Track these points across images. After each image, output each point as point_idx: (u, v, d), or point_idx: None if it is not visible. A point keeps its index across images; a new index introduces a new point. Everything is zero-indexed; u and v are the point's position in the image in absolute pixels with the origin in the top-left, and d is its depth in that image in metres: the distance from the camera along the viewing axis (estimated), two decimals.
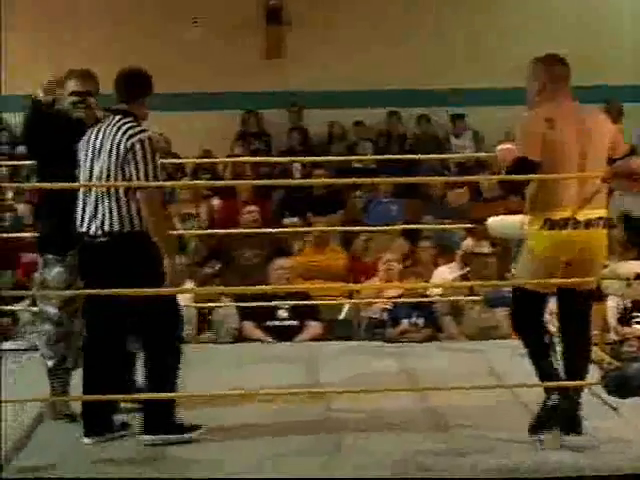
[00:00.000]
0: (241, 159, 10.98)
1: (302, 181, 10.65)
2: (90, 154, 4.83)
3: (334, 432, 4.94)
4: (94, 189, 4.78)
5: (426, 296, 7.55)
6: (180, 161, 10.67)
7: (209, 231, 9.37)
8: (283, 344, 7.25)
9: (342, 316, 8.12)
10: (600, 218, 4.73)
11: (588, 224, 4.69)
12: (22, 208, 9.92)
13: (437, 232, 9.00)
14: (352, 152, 11.29)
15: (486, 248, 7.76)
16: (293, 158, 10.80)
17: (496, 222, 6.52)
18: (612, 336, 6.81)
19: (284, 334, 7.46)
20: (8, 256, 8.54)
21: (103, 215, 4.74)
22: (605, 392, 4.58)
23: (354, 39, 11.82)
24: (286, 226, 9.91)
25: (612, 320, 6.89)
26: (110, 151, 4.75)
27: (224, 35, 11.82)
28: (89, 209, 4.79)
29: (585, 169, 4.69)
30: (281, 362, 6.34)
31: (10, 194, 10.15)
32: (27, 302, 7.24)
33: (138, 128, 4.79)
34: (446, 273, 7.99)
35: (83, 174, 4.86)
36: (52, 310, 5.09)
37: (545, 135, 4.64)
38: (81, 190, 4.84)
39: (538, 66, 4.84)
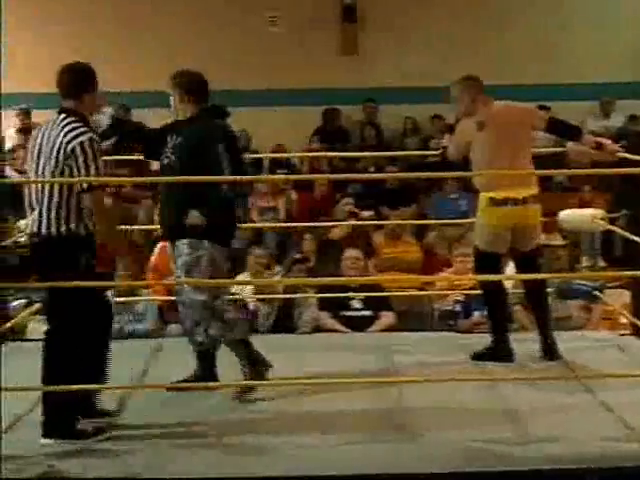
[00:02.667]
0: (319, 154, 11.05)
1: (377, 175, 10.66)
2: (35, 154, 4.74)
3: (406, 422, 4.95)
4: (33, 190, 4.70)
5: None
6: (263, 156, 10.79)
7: (286, 224, 9.47)
8: (357, 334, 7.27)
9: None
10: (533, 196, 5.83)
11: (524, 201, 5.77)
12: None
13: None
14: (426, 147, 11.25)
15: (557, 241, 7.71)
16: (368, 153, 10.84)
17: (567, 215, 6.51)
18: None
19: (358, 324, 7.50)
20: None
21: (40, 216, 4.69)
22: None
23: (427, 36, 11.82)
24: (362, 219, 9.96)
25: None
26: (50, 153, 4.65)
27: (301, 32, 11.88)
28: (32, 210, 4.76)
29: (515, 155, 5.75)
30: (355, 352, 6.35)
31: None
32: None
33: (78, 130, 4.63)
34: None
35: (29, 173, 4.81)
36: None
37: (474, 135, 5.79)
38: (25, 191, 4.77)
39: (468, 84, 5.95)
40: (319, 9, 11.96)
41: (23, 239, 6.47)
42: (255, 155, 11.14)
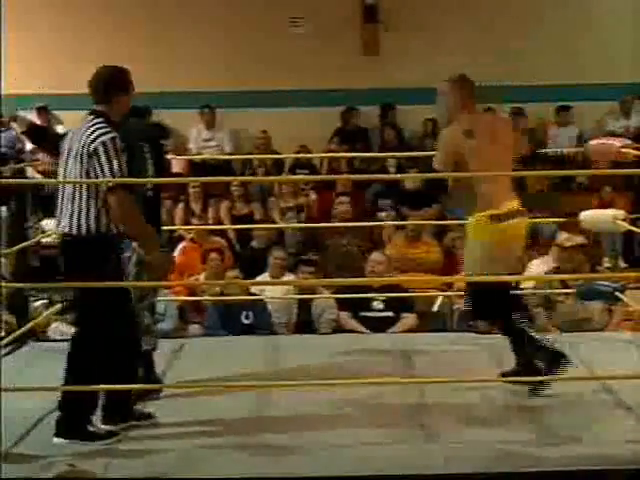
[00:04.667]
0: (339, 155, 11.04)
1: (397, 176, 10.64)
2: (65, 156, 4.77)
3: (426, 423, 4.94)
4: (65, 192, 4.73)
5: (519, 289, 7.48)
6: (282, 156, 10.79)
7: (303, 225, 9.48)
8: (378, 335, 7.25)
9: (435, 308, 8.11)
10: (521, 208, 5.35)
11: (521, 213, 5.34)
12: None
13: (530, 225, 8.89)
14: None
15: (579, 241, 7.67)
16: (389, 154, 10.82)
17: (589, 216, 6.47)
18: None
19: (379, 325, 7.48)
20: None
21: (70, 217, 4.70)
22: None
23: (450, 37, 11.78)
24: (381, 220, 9.95)
25: None
26: (76, 154, 4.68)
27: (323, 32, 11.85)
28: (60, 209, 4.78)
29: (501, 168, 5.23)
30: (376, 353, 6.34)
31: None
32: None
33: (103, 130, 4.65)
34: (539, 266, 7.91)
35: (59, 174, 4.83)
36: None
37: (464, 144, 5.22)
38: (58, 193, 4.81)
39: (456, 85, 5.43)
40: (341, 10, 11.92)
41: (46, 240, 6.49)
42: (275, 156, 11.18)
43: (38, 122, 11.41)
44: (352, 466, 4.42)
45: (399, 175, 10.59)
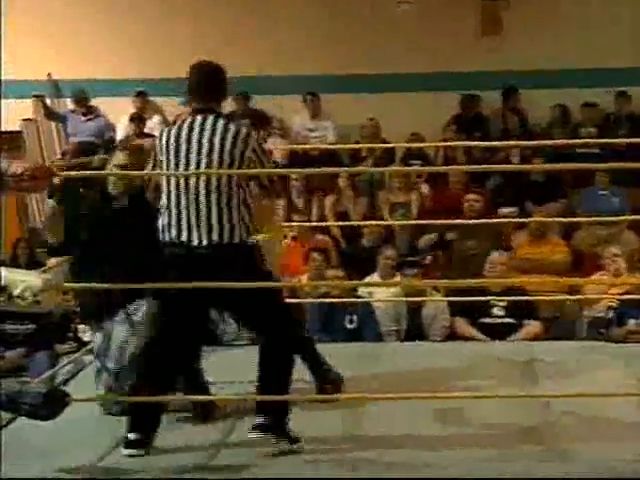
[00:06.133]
0: (456, 143, 10.96)
1: (519, 167, 10.52)
2: (194, 153, 4.73)
3: (553, 438, 4.90)
4: (194, 195, 4.70)
5: None
6: (390, 145, 10.75)
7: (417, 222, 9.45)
8: (498, 343, 7.22)
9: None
10: None
11: None
12: None
13: None
14: (575, 136, 11.03)
15: None
16: (512, 143, 10.70)
17: None
18: None
19: (499, 332, 7.43)
20: None
21: (209, 223, 4.69)
22: None
23: (579, 14, 11.61)
24: (502, 216, 9.85)
25: None
26: (220, 158, 4.68)
27: (436, 10, 11.79)
28: (191, 216, 4.72)
29: None
30: (496, 362, 6.31)
31: None
32: None
33: (245, 128, 4.78)
34: None
35: (176, 178, 4.76)
36: None
37: None
38: (173, 196, 4.75)
39: None
40: None
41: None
42: (385, 145, 11.15)
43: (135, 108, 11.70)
44: None
45: (523, 166, 10.46)
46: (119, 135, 11.63)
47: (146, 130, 11.43)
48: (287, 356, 4.86)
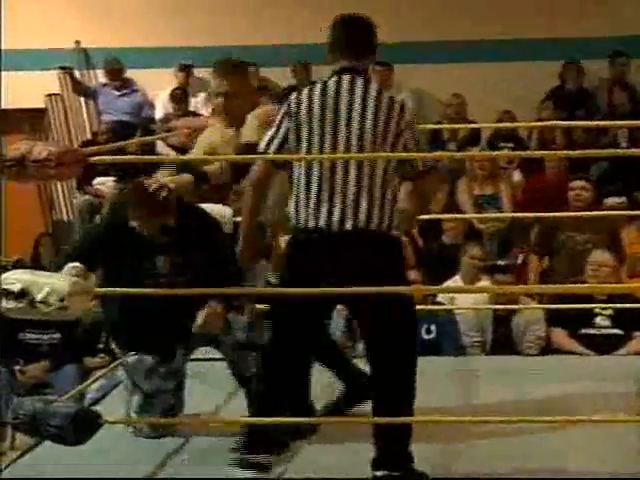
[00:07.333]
0: (553, 123, 10.90)
1: (629, 151, 10.45)
2: (342, 125, 4.61)
3: None
4: (341, 174, 4.60)
5: None
6: (476, 126, 10.73)
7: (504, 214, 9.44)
8: (603, 358, 7.21)
9: None
10: None
11: None
12: None
13: None
14: None
15: None
16: (618, 122, 10.65)
17: None
18: None
19: (603, 345, 7.41)
20: None
21: (356, 207, 4.60)
22: None
23: None
24: (609, 208, 9.81)
25: None
26: (374, 127, 4.59)
27: None
28: (334, 198, 4.62)
29: None
30: (600, 379, 6.29)
31: None
32: None
33: (399, 96, 4.85)
34: None
35: (322, 151, 4.65)
36: None
37: None
38: (315, 175, 4.64)
39: None
40: None
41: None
42: (471, 125, 11.11)
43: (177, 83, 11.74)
44: None
45: (633, 150, 10.39)
46: (158, 114, 11.70)
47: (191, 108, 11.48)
48: (410, 375, 4.74)
